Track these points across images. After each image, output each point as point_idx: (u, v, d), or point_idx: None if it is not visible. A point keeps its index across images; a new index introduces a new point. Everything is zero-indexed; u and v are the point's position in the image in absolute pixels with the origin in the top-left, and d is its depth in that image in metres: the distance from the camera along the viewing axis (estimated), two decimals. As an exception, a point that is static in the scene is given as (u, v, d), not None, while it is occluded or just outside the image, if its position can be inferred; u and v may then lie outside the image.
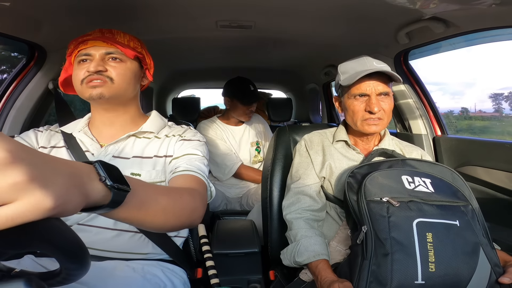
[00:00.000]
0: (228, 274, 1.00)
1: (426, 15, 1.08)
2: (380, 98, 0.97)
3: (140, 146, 0.89)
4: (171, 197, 0.58)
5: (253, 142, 2.02)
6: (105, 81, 0.81)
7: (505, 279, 0.73)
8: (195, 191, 0.70)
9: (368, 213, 0.79)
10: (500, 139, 1.25)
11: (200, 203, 0.68)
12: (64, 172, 0.34)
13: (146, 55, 0.92)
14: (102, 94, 0.81)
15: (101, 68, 0.81)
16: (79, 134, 0.89)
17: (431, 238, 0.72)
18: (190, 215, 0.63)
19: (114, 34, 0.86)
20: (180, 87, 3.20)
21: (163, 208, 0.54)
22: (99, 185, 0.39)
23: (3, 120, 1.17)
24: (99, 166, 0.40)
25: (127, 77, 0.85)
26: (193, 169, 0.80)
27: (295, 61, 2.13)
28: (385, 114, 0.98)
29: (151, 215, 0.52)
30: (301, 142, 1.13)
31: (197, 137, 0.92)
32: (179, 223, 0.60)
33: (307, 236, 0.93)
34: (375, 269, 0.74)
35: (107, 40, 0.83)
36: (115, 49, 0.83)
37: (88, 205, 0.38)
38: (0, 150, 0.28)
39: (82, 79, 0.81)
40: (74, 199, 0.34)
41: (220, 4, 1.12)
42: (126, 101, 0.89)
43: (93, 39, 0.83)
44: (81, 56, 0.83)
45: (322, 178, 1.05)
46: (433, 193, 0.80)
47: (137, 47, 0.88)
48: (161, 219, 0.55)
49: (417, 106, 1.54)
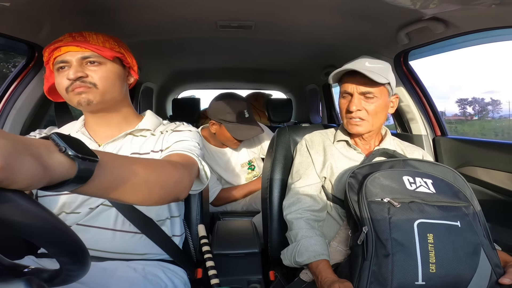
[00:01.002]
0: (228, 275, 1.00)
1: (426, 15, 1.08)
2: (363, 98, 0.97)
3: (137, 143, 0.88)
4: (151, 167, 0.54)
5: (244, 163, 1.74)
6: (88, 88, 0.78)
7: (505, 280, 0.74)
8: (178, 163, 0.66)
9: (369, 214, 0.78)
10: (500, 140, 1.25)
11: (185, 173, 0.65)
12: (14, 139, 0.33)
13: (126, 53, 0.87)
14: (90, 100, 0.78)
15: (80, 74, 0.77)
16: (77, 135, 0.89)
17: (432, 239, 0.72)
18: (175, 185, 0.60)
19: (85, 36, 0.81)
20: (180, 87, 3.20)
21: (144, 180, 0.51)
22: (60, 157, 0.37)
23: (3, 120, 1.17)
24: (56, 137, 0.37)
25: (110, 79, 0.81)
26: (179, 148, 0.78)
27: (295, 61, 2.14)
28: (369, 115, 0.97)
29: (131, 188, 0.49)
30: (302, 142, 1.13)
31: (189, 128, 0.91)
32: (165, 195, 0.57)
33: (307, 236, 0.93)
34: (375, 269, 0.74)
35: (79, 44, 0.78)
36: (91, 53, 0.79)
37: (53, 181, 0.36)
38: None
39: (66, 88, 0.78)
40: (27, 166, 0.32)
41: (220, 4, 1.12)
42: (116, 102, 0.86)
43: (65, 44, 0.78)
44: (58, 64, 0.79)
45: (323, 178, 1.05)
46: (435, 193, 0.80)
47: (114, 47, 0.84)
48: (143, 192, 0.52)
49: (417, 106, 1.54)
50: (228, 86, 3.27)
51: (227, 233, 1.19)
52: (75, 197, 0.82)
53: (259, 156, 1.81)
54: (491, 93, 21.56)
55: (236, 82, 3.09)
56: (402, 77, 1.53)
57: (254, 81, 3.01)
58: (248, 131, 1.57)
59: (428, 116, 1.55)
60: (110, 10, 1.08)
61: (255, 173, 1.77)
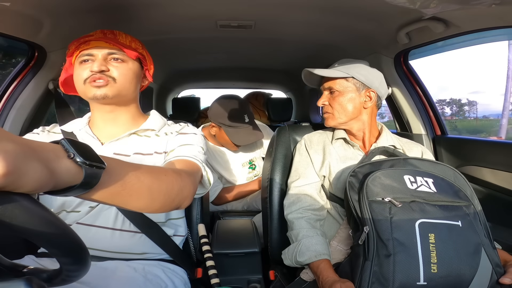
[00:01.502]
0: (228, 274, 1.00)
1: (426, 15, 1.08)
2: (329, 94, 1.07)
3: (140, 143, 0.89)
4: (155, 175, 0.55)
5: (245, 162, 1.72)
6: (108, 81, 0.81)
7: (506, 280, 0.74)
8: (182, 171, 0.66)
9: (370, 214, 0.78)
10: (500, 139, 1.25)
11: (189, 181, 0.65)
12: (24, 143, 0.33)
13: (147, 56, 0.92)
14: (106, 94, 0.81)
15: (104, 68, 0.81)
16: (80, 133, 0.89)
17: (433, 239, 0.72)
18: (178, 194, 0.59)
19: (116, 35, 0.87)
20: (180, 87, 3.20)
21: (147, 187, 0.51)
22: (68, 163, 0.37)
23: (3, 120, 1.17)
24: (66, 142, 0.38)
25: (129, 77, 0.85)
26: (182, 154, 0.78)
27: (295, 61, 2.13)
28: (334, 109, 1.05)
29: (134, 195, 0.49)
30: (301, 142, 1.14)
31: (194, 130, 0.92)
32: (167, 203, 0.58)
33: (308, 236, 0.94)
34: (377, 270, 0.74)
35: (109, 41, 0.83)
36: (117, 50, 0.84)
37: (59, 186, 0.36)
38: None
39: (85, 79, 0.81)
40: (35, 171, 0.33)
41: (220, 4, 1.12)
42: (128, 100, 0.89)
43: (95, 39, 0.83)
44: (83, 57, 0.83)
45: (322, 177, 1.05)
46: (436, 193, 0.80)
47: (138, 48, 0.89)
48: (146, 199, 0.52)
49: (417, 106, 1.54)
50: (228, 85, 3.26)
51: (227, 232, 1.19)
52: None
53: (260, 155, 1.80)
54: (476, 93, 21.90)
55: (236, 82, 3.08)
56: (402, 76, 1.53)
57: (254, 81, 3.01)
58: (248, 137, 1.54)
59: (428, 115, 1.55)
60: (110, 9, 1.07)
61: (256, 173, 1.76)
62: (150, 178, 0.52)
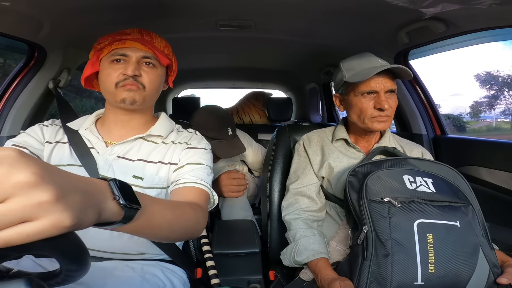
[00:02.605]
0: (228, 274, 1.00)
1: (426, 14, 1.08)
2: (387, 95, 0.95)
3: (146, 149, 0.88)
4: (176, 212, 0.61)
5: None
6: (138, 87, 0.80)
7: (503, 280, 0.74)
8: (197, 206, 0.72)
9: (369, 213, 0.78)
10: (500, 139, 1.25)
11: (202, 215, 0.72)
12: (83, 191, 0.36)
13: (174, 62, 0.91)
14: (135, 100, 0.80)
15: (137, 72, 0.79)
16: (85, 132, 0.89)
17: (431, 239, 0.73)
18: (193, 227, 0.67)
19: (152, 37, 0.85)
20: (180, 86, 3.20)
21: (168, 223, 0.57)
22: (112, 204, 0.41)
23: (3, 120, 1.17)
24: (114, 184, 0.42)
25: (157, 83, 0.85)
26: (195, 180, 0.80)
27: (295, 60, 2.13)
28: (392, 112, 0.96)
29: (156, 228, 0.54)
30: (300, 142, 1.13)
31: (203, 144, 0.92)
32: (182, 235, 0.66)
33: (305, 236, 0.94)
34: (375, 269, 0.74)
35: (146, 43, 0.81)
36: (152, 54, 0.82)
37: (99, 221, 0.40)
38: (28, 173, 0.30)
39: (117, 82, 0.79)
40: (89, 217, 0.36)
41: (220, 4, 1.12)
42: (148, 106, 0.89)
43: (132, 39, 0.81)
44: (117, 56, 0.80)
45: (321, 177, 1.05)
46: (435, 193, 0.80)
47: (169, 54, 0.88)
48: (165, 232, 0.58)
49: (417, 106, 1.54)
50: (228, 85, 3.26)
51: (227, 232, 1.20)
52: None
53: (239, 163, 1.80)
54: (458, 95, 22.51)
55: (236, 81, 3.08)
56: (402, 76, 1.53)
57: (254, 80, 3.00)
58: (231, 150, 1.50)
59: (428, 115, 1.55)
60: (110, 10, 1.07)
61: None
62: (171, 215, 0.59)
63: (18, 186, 0.29)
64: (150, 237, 0.57)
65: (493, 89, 8.61)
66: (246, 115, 2.75)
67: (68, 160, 0.84)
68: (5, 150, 0.30)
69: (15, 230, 0.29)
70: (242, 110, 2.76)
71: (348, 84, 0.99)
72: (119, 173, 0.84)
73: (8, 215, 0.29)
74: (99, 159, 0.84)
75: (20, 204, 0.29)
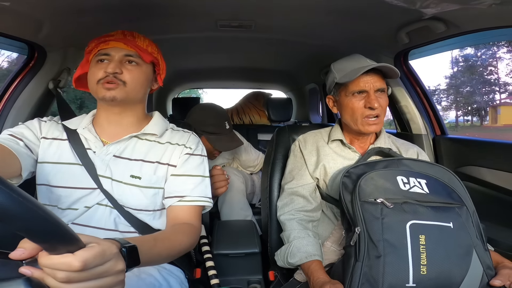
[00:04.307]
0: (228, 275, 1.00)
1: (426, 14, 1.08)
2: (377, 94, 0.96)
3: (142, 149, 0.89)
4: (172, 246, 0.73)
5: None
6: (118, 84, 0.83)
7: (496, 282, 0.73)
8: (191, 227, 0.82)
9: (362, 214, 0.78)
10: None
11: (195, 235, 0.83)
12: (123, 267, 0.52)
13: (161, 61, 0.93)
14: (115, 97, 0.82)
15: (118, 70, 0.82)
16: (83, 131, 0.90)
17: (424, 241, 0.72)
18: (186, 249, 0.78)
19: (135, 37, 0.88)
20: (180, 86, 3.20)
21: (164, 257, 0.71)
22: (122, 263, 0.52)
23: (3, 120, 1.17)
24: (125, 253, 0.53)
25: (140, 80, 0.87)
26: (197, 198, 0.87)
27: (295, 61, 2.13)
28: (383, 111, 0.97)
29: (152, 263, 0.69)
30: (296, 143, 1.13)
31: (199, 150, 0.94)
32: (176, 257, 0.77)
33: (299, 237, 0.93)
34: (367, 271, 0.73)
35: (128, 43, 0.85)
36: (134, 53, 0.85)
37: None
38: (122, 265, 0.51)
39: (99, 79, 0.83)
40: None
41: (220, 4, 1.12)
42: (135, 103, 0.90)
43: (115, 40, 0.85)
44: (100, 56, 0.85)
45: (317, 178, 1.04)
46: (428, 194, 0.80)
47: (154, 52, 0.90)
48: (160, 262, 0.74)
49: (417, 106, 1.54)
50: (228, 85, 3.26)
51: (227, 233, 1.19)
52: (71, 192, 0.83)
53: (233, 158, 1.84)
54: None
55: (236, 82, 3.08)
56: (402, 76, 1.52)
57: (254, 81, 3.00)
58: (230, 143, 1.57)
59: (428, 115, 1.55)
60: (110, 10, 1.08)
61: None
62: (167, 250, 0.71)
63: (117, 271, 0.49)
64: (149, 265, 0.74)
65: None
66: (246, 115, 2.75)
67: (68, 158, 0.85)
68: (114, 249, 0.50)
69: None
70: (242, 110, 2.76)
71: (339, 85, 1.01)
72: (117, 173, 0.84)
73: (105, 285, 0.48)
74: (96, 159, 0.86)
75: (114, 279, 0.49)
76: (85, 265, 0.43)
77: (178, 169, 0.89)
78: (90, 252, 0.44)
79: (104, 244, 0.48)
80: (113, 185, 0.84)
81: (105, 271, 0.47)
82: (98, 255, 0.45)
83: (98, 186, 0.83)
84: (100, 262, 0.46)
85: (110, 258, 0.48)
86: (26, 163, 0.80)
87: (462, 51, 15.06)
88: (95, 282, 0.46)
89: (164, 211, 0.90)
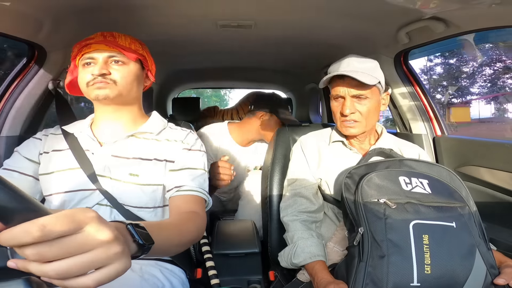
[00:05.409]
0: (228, 275, 1.00)
1: (426, 14, 1.08)
2: (356, 100, 0.97)
3: (139, 147, 0.90)
4: (181, 232, 0.71)
5: (255, 167, 1.75)
6: (107, 83, 0.84)
7: (500, 280, 0.73)
8: (197, 215, 0.81)
9: (365, 215, 0.78)
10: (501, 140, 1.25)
11: (201, 222, 0.80)
12: (125, 240, 0.45)
13: (148, 57, 0.94)
14: (107, 95, 0.84)
15: (104, 71, 0.83)
16: (81, 135, 0.91)
17: (427, 240, 0.72)
18: (195, 237, 0.76)
19: (115, 37, 0.88)
20: (180, 86, 3.20)
21: (175, 244, 0.68)
22: (133, 244, 0.49)
23: (3, 120, 1.17)
24: (132, 228, 0.49)
25: (129, 79, 0.88)
26: (195, 188, 0.86)
27: (295, 61, 2.13)
28: (362, 117, 0.98)
29: (164, 249, 0.65)
30: (297, 144, 1.13)
31: (198, 146, 0.95)
32: (187, 245, 0.77)
33: (303, 238, 0.94)
34: (371, 271, 0.74)
35: (109, 43, 0.85)
36: (117, 53, 0.86)
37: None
38: (109, 232, 0.40)
39: (88, 82, 0.84)
40: (128, 263, 0.44)
41: (220, 4, 1.12)
42: (129, 101, 0.91)
43: (96, 42, 0.85)
44: (85, 60, 0.86)
45: (319, 179, 1.05)
46: (430, 194, 0.80)
47: (138, 50, 0.90)
48: (172, 249, 0.70)
49: (417, 106, 1.54)
50: (228, 85, 3.26)
51: (227, 233, 1.19)
52: (72, 196, 0.83)
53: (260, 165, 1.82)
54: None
55: (236, 82, 3.08)
56: (402, 76, 1.53)
57: (254, 80, 3.00)
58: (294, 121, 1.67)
59: (428, 115, 1.55)
60: (110, 9, 1.07)
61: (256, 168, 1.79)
62: (177, 236, 0.69)
63: (102, 241, 0.39)
64: (159, 255, 0.68)
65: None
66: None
67: (68, 164, 0.86)
68: (89, 212, 0.39)
69: (96, 274, 0.39)
70: (242, 110, 2.76)
71: (329, 88, 1.04)
72: (116, 172, 0.85)
73: (93, 262, 0.38)
74: (94, 160, 0.86)
75: (101, 254, 0.38)
76: (45, 229, 0.34)
77: (176, 164, 0.89)
78: (52, 216, 0.36)
79: (74, 209, 0.39)
80: (113, 184, 0.84)
81: (84, 242, 0.37)
82: (62, 217, 0.36)
83: (97, 187, 0.83)
84: (70, 228, 0.36)
85: (84, 223, 0.38)
86: (34, 190, 0.86)
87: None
88: (81, 257, 0.37)
89: (165, 208, 0.90)
